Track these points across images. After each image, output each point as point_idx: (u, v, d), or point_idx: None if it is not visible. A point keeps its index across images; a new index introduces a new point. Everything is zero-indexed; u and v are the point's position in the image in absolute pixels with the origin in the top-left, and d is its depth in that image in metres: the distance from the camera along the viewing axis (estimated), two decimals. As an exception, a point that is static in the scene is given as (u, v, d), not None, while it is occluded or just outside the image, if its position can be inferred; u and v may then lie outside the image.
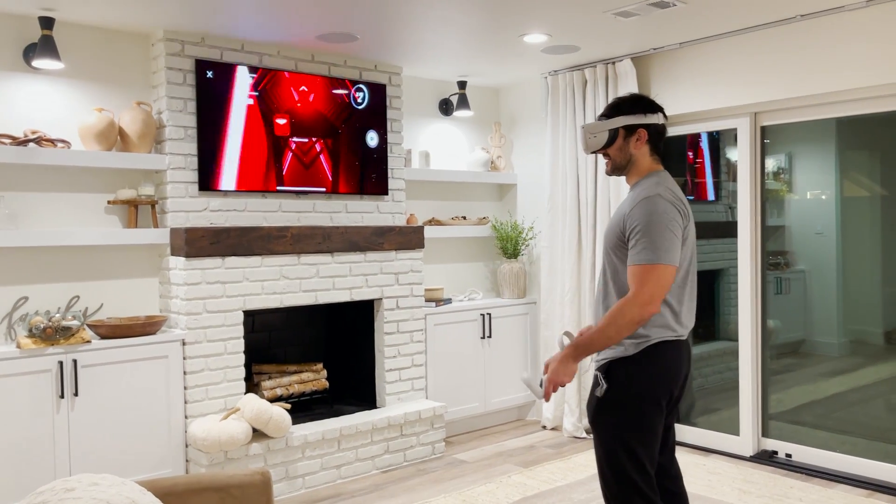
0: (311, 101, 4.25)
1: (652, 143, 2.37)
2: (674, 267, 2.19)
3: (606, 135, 2.37)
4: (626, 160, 2.38)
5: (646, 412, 2.27)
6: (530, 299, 5.25)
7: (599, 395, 2.31)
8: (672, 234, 2.20)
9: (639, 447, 2.26)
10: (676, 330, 2.30)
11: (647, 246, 2.17)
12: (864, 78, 3.67)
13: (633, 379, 2.27)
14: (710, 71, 4.27)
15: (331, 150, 4.33)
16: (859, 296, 4.15)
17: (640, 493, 2.26)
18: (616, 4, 3.56)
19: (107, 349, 3.50)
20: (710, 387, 4.65)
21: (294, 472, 3.88)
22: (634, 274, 2.19)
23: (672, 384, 2.31)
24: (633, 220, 2.22)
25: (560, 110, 4.90)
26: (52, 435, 3.36)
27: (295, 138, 4.19)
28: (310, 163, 4.25)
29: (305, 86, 4.22)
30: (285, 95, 4.14)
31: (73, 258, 3.75)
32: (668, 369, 2.29)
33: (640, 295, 2.16)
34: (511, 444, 4.70)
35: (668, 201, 2.23)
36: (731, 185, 4.45)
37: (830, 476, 3.92)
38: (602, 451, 2.32)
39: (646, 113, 2.36)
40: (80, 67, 3.78)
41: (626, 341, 2.26)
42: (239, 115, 3.99)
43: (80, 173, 3.77)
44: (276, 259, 4.02)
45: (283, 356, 4.60)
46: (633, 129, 2.36)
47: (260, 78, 4.04)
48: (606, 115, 2.40)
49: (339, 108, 4.36)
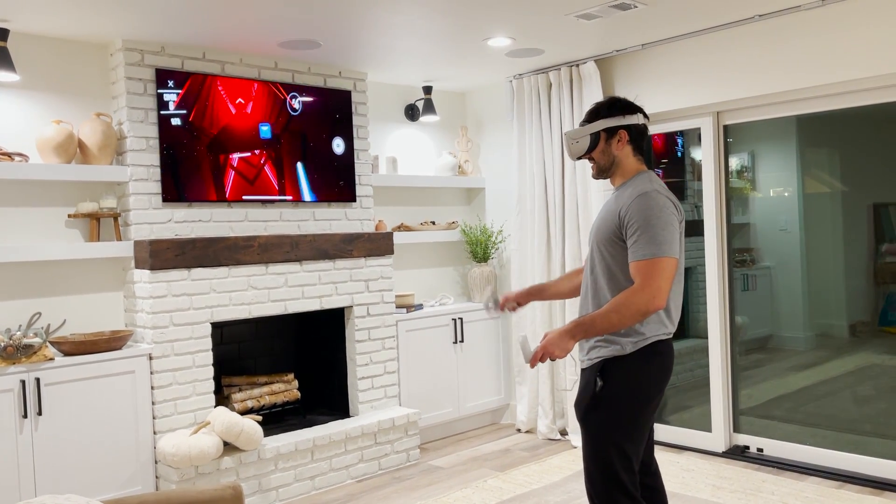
0: (263, 113, 4.20)
1: (634, 143, 2.42)
2: (675, 259, 2.23)
3: (588, 139, 2.42)
4: (610, 162, 2.42)
5: (639, 412, 2.29)
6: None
7: (594, 393, 2.31)
8: (672, 228, 2.24)
9: (629, 445, 2.28)
10: (668, 327, 2.33)
11: (648, 240, 2.20)
12: (821, 76, 3.74)
13: (629, 378, 2.28)
14: (672, 71, 4.32)
15: (294, 160, 4.29)
16: (824, 290, 4.23)
17: (625, 492, 2.27)
18: (578, 7, 3.59)
19: (71, 366, 3.42)
20: (682, 384, 4.69)
21: (267, 484, 3.83)
22: (639, 269, 2.20)
23: (664, 383, 2.34)
24: (632, 216, 2.24)
25: (526, 113, 4.92)
26: (16, 456, 3.27)
27: (248, 155, 4.14)
28: (272, 174, 4.21)
29: (255, 103, 4.18)
30: (223, 109, 4.10)
31: (34, 274, 3.66)
32: (662, 368, 2.32)
33: (647, 287, 2.17)
34: (486, 449, 4.69)
35: (664, 196, 2.28)
36: (697, 185, 4.50)
37: (801, 469, 3.98)
38: (591, 449, 2.33)
39: (624, 114, 2.41)
40: (36, 79, 3.69)
41: (622, 339, 2.27)
42: (202, 129, 3.93)
43: (38, 187, 3.69)
44: (244, 269, 3.97)
45: (254, 367, 4.54)
46: (613, 132, 2.40)
47: (208, 102, 3.97)
48: (586, 121, 2.45)
49: (282, 115, 4.33)
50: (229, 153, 4.04)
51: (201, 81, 3.93)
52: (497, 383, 5.23)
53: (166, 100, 3.81)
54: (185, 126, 3.88)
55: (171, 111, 3.84)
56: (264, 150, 4.17)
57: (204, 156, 3.95)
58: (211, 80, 3.97)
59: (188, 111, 3.89)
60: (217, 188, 4.00)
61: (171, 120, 3.85)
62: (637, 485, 2.31)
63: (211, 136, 3.98)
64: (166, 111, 3.82)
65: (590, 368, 2.36)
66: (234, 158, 4.05)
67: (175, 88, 3.84)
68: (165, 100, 3.81)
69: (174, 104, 3.85)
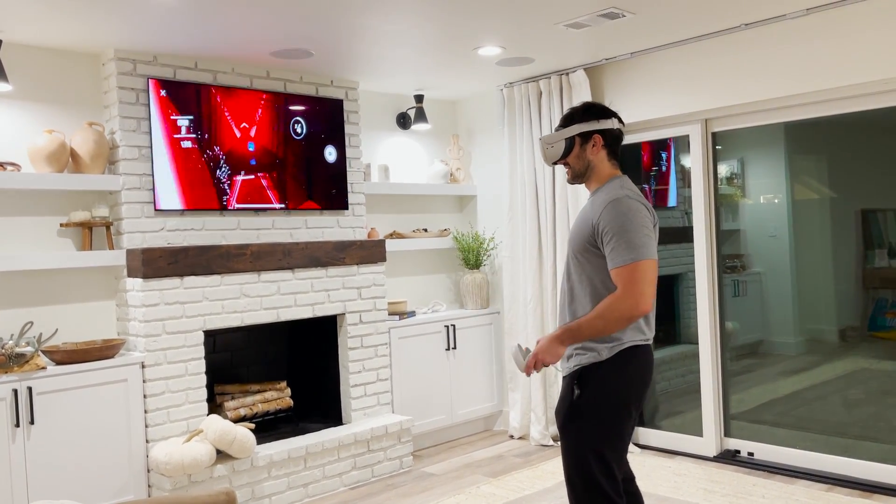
0: (259, 122, 4.22)
1: (608, 148, 2.42)
2: (654, 261, 2.23)
3: (563, 144, 2.42)
4: (585, 167, 2.42)
5: (618, 417, 2.29)
6: (494, 309, 5.27)
7: (572, 401, 2.31)
8: (647, 230, 2.24)
9: (609, 453, 2.28)
10: (646, 333, 2.34)
11: (626, 246, 2.19)
12: (808, 83, 3.78)
13: (606, 384, 2.28)
14: (661, 79, 4.36)
15: (286, 168, 4.31)
16: (813, 295, 4.26)
17: (607, 498, 2.27)
18: (567, 16, 3.63)
19: (63, 375, 3.42)
20: (673, 390, 4.71)
21: (260, 492, 3.83)
22: (620, 275, 2.20)
23: (643, 388, 2.34)
24: (605, 223, 2.24)
25: (517, 121, 4.96)
26: (9, 466, 3.26)
27: (243, 167, 4.16)
28: (269, 183, 4.22)
29: (262, 114, 4.20)
30: (239, 126, 4.12)
31: (26, 283, 3.66)
32: (639, 373, 2.32)
33: (631, 292, 2.17)
34: (479, 455, 4.70)
35: (637, 201, 2.28)
36: (686, 191, 4.54)
37: (792, 472, 4.00)
38: (571, 458, 2.32)
39: (599, 119, 2.41)
40: (28, 89, 3.71)
41: (599, 346, 2.28)
42: (195, 138, 3.95)
43: (31, 196, 3.69)
44: (236, 277, 3.98)
45: (246, 375, 4.54)
46: (588, 136, 2.40)
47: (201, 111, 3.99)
48: (561, 126, 2.45)
49: (288, 126, 4.35)
50: (231, 166, 4.05)
51: (206, 96, 3.95)
52: (490, 390, 5.25)
53: (179, 125, 3.83)
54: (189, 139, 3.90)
55: (180, 129, 3.87)
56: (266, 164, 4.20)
57: (207, 168, 3.97)
58: (214, 96, 3.98)
59: (192, 126, 3.90)
60: (220, 199, 4.02)
61: (179, 137, 3.87)
62: (620, 491, 2.30)
63: (214, 151, 3.99)
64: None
65: (568, 376, 2.37)
66: (237, 177, 4.08)
67: (182, 106, 3.86)
68: (175, 119, 3.83)
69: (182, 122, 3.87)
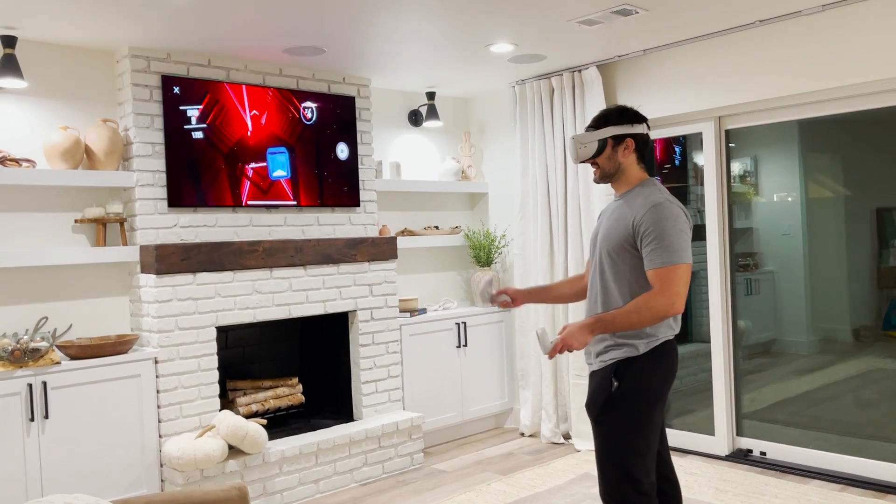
0: (270, 120, 4.24)
1: (638, 151, 2.50)
2: (690, 264, 2.32)
3: (596, 145, 2.49)
4: (615, 168, 2.50)
5: (652, 409, 2.38)
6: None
7: (610, 393, 2.38)
8: (685, 236, 2.34)
9: (643, 443, 2.35)
10: (675, 328, 2.44)
11: (665, 249, 2.28)
12: (823, 80, 3.76)
13: (644, 377, 2.36)
14: (674, 76, 4.34)
15: (300, 164, 4.32)
16: (827, 294, 4.23)
17: (639, 490, 2.33)
18: (580, 13, 3.61)
19: (77, 370, 3.45)
20: (685, 388, 4.69)
21: (272, 487, 3.85)
22: (658, 276, 2.29)
23: (672, 380, 2.44)
24: (647, 226, 2.32)
25: (528, 119, 4.95)
26: (23, 459, 3.30)
27: (255, 164, 4.17)
28: (275, 180, 4.24)
29: (273, 111, 4.21)
30: (239, 121, 4.13)
31: (41, 278, 3.69)
32: (671, 366, 2.42)
33: (667, 292, 2.27)
34: (490, 453, 4.70)
35: (677, 206, 2.38)
36: (699, 189, 4.52)
37: (804, 472, 3.98)
38: (606, 449, 2.39)
39: (632, 123, 2.49)
40: (44, 86, 3.73)
41: (636, 341, 2.36)
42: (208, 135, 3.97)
43: (46, 192, 3.72)
44: (249, 274, 4.00)
45: (258, 371, 4.56)
46: (620, 139, 2.47)
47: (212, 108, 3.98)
48: (594, 126, 2.51)
49: (299, 123, 4.36)
50: (245, 163, 4.08)
51: (219, 93, 3.96)
52: (501, 387, 5.25)
53: (172, 106, 3.85)
54: (202, 136, 3.91)
55: (193, 125, 3.89)
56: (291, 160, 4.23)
57: (221, 165, 4.00)
58: (227, 92, 4.00)
59: (206, 123, 3.93)
60: (234, 196, 4.04)
61: (193, 134, 3.90)
62: (652, 484, 2.36)
63: (227, 147, 4.02)
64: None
65: (602, 370, 2.43)
66: (249, 168, 4.10)
67: (195, 103, 3.87)
68: (171, 106, 3.85)
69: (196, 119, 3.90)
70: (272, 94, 4.21)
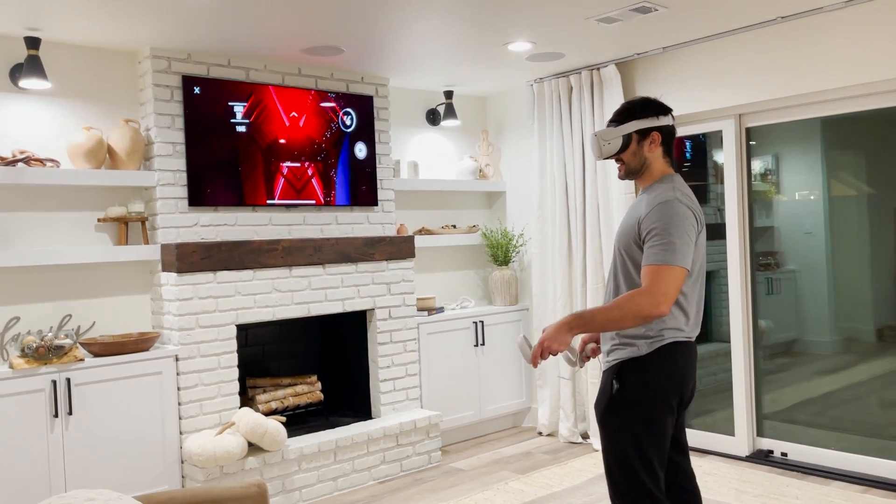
0: (302, 123, 4.26)
1: (665, 145, 2.37)
2: (685, 270, 2.19)
3: (620, 140, 2.35)
4: (641, 164, 2.37)
5: (657, 412, 2.26)
6: (522, 306, 5.26)
7: (611, 395, 2.30)
8: (688, 238, 2.21)
9: (649, 447, 2.25)
10: (686, 331, 2.31)
11: (663, 247, 2.17)
12: (846, 77, 3.71)
13: (645, 379, 2.26)
14: (693, 74, 4.31)
15: (320, 164, 4.35)
16: (850, 294, 4.18)
17: (648, 494, 2.25)
18: (598, 11, 3.60)
19: (100, 367, 3.49)
20: (705, 388, 4.66)
21: (291, 485, 3.87)
22: (648, 273, 2.17)
23: (682, 385, 2.31)
24: (651, 223, 2.22)
25: (546, 117, 4.93)
26: (47, 455, 3.35)
27: (287, 163, 4.20)
28: (301, 180, 4.27)
29: (296, 111, 4.24)
30: (276, 121, 4.16)
31: (65, 277, 3.75)
32: (679, 369, 2.29)
33: (654, 291, 2.14)
34: (507, 451, 4.70)
35: (686, 206, 2.24)
36: (719, 188, 4.48)
37: (826, 473, 3.94)
38: (612, 452, 2.31)
39: (658, 115, 2.35)
40: (67, 86, 3.78)
41: (638, 341, 2.26)
42: (229, 135, 4.00)
43: (69, 192, 3.77)
44: (268, 272, 4.02)
45: (277, 369, 4.59)
46: (646, 133, 2.35)
47: (251, 107, 4.04)
48: (617, 121, 2.38)
49: (327, 125, 4.38)
50: (264, 165, 4.11)
51: (241, 94, 4.00)
52: (518, 386, 5.24)
53: (193, 106, 3.89)
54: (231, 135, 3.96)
55: (222, 121, 3.95)
56: (311, 161, 4.27)
57: (258, 163, 4.05)
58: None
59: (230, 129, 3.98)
60: (257, 194, 4.09)
61: (220, 129, 3.95)
62: (661, 486, 2.28)
63: (252, 147, 4.06)
64: (194, 117, 3.90)
65: (608, 370, 2.35)
66: (277, 167, 4.15)
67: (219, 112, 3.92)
68: (192, 106, 3.88)
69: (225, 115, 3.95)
70: (291, 93, 4.23)
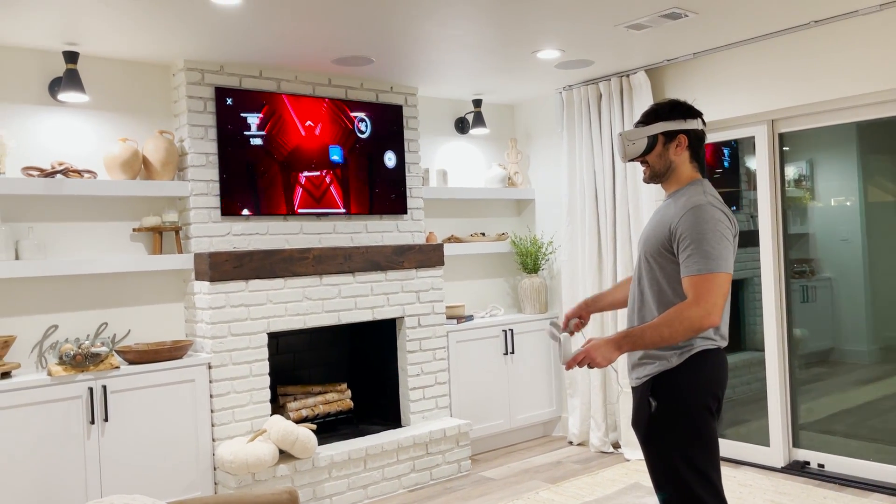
0: (321, 129, 4.30)
1: (692, 149, 2.31)
2: (728, 275, 2.14)
3: (645, 141, 2.30)
4: (666, 167, 2.32)
5: (700, 421, 2.20)
6: (552, 314, 5.23)
7: (651, 414, 2.24)
8: (726, 242, 2.15)
9: (700, 458, 2.19)
10: (715, 338, 2.25)
11: (702, 255, 2.11)
12: (881, 81, 3.64)
13: (681, 390, 2.21)
14: (725, 80, 4.27)
15: (348, 174, 4.38)
16: (888, 301, 4.09)
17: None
18: (628, 17, 3.58)
19: (135, 374, 3.55)
20: (738, 398, 4.59)
21: (321, 492, 3.89)
22: (693, 284, 2.11)
23: (717, 390, 2.25)
24: (684, 229, 2.16)
25: (576, 124, 4.92)
26: (84, 460, 3.41)
27: (307, 172, 4.24)
28: (326, 188, 4.30)
29: (319, 121, 4.28)
30: (293, 132, 4.20)
31: (101, 286, 3.82)
32: (712, 376, 2.24)
33: (702, 303, 2.08)
34: (537, 461, 4.68)
35: (718, 209, 2.19)
36: (752, 194, 4.42)
37: (864, 485, 3.85)
38: (660, 471, 2.24)
39: (685, 118, 2.30)
40: (104, 99, 3.87)
41: (667, 353, 2.21)
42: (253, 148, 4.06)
43: (105, 202, 3.85)
44: (299, 281, 4.06)
45: (308, 377, 4.63)
46: (672, 135, 2.30)
47: (269, 118, 4.08)
48: (644, 122, 2.33)
49: (349, 134, 4.42)
50: (295, 175, 4.16)
51: (271, 105, 4.05)
52: (548, 395, 5.21)
53: (225, 117, 3.95)
54: (260, 144, 4.01)
55: (252, 132, 4.00)
56: (330, 170, 4.30)
57: (276, 173, 4.09)
58: (279, 105, 4.09)
59: (264, 131, 4.03)
60: (287, 203, 4.13)
61: (251, 141, 4.00)
62: (722, 497, 2.20)
63: (283, 156, 4.11)
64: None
65: (640, 387, 2.30)
66: (302, 177, 4.19)
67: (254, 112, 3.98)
68: (225, 117, 3.94)
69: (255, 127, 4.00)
70: (322, 103, 4.28)
